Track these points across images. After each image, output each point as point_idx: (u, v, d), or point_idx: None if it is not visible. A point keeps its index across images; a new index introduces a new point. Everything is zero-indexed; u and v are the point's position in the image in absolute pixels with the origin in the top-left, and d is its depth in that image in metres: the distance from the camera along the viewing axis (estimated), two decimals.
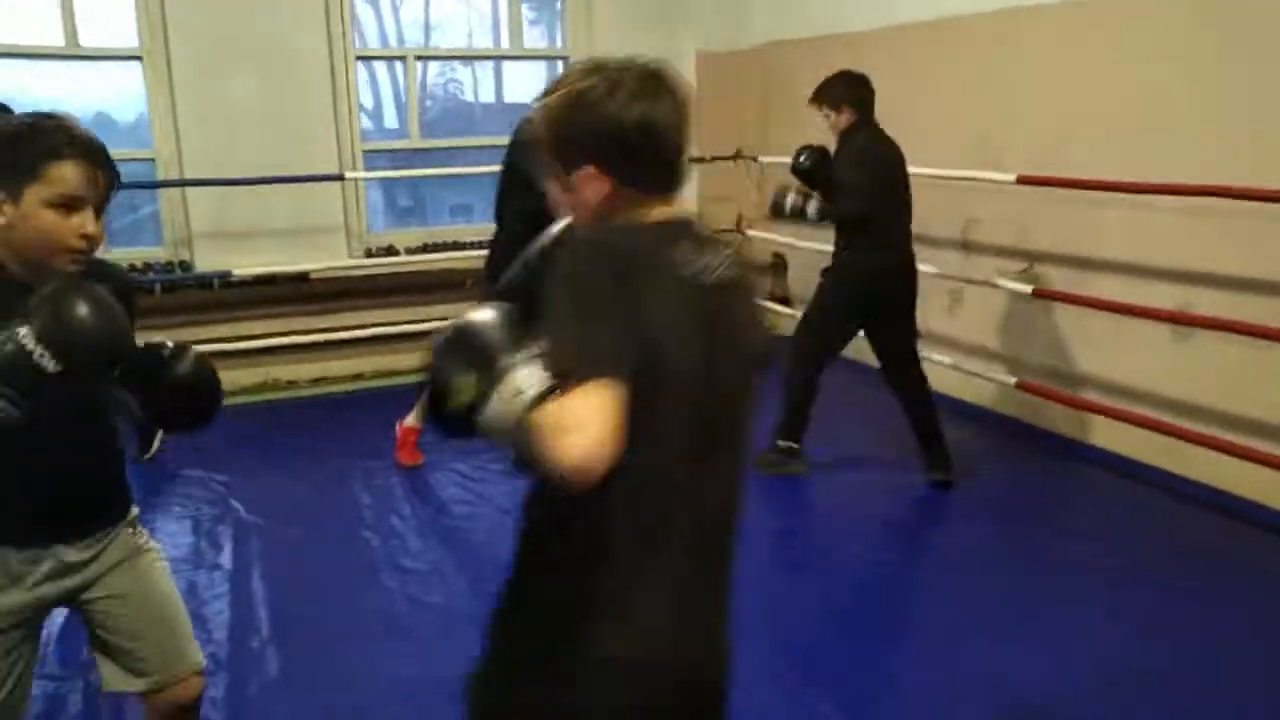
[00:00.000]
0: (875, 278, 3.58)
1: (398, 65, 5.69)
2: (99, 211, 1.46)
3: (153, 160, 4.99)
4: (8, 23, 4.72)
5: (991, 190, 4.14)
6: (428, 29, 6.09)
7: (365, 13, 5.86)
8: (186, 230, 5.05)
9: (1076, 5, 3.82)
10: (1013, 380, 4.17)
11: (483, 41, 6.10)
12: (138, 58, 4.91)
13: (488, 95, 6.79)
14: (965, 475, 3.72)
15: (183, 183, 4.97)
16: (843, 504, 3.73)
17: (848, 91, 3.58)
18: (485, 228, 4.65)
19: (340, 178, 4.96)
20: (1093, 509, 3.63)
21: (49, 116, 1.51)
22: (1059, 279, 4.01)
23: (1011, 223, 4.25)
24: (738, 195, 6.00)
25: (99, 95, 5.39)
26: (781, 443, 3.77)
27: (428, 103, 6.84)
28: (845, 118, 3.57)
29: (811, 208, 3.59)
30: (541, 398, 1.06)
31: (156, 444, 4.13)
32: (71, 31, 4.75)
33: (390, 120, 6.32)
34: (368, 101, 6.09)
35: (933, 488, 3.70)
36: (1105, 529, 3.41)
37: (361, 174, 5.15)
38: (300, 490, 3.88)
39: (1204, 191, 3.24)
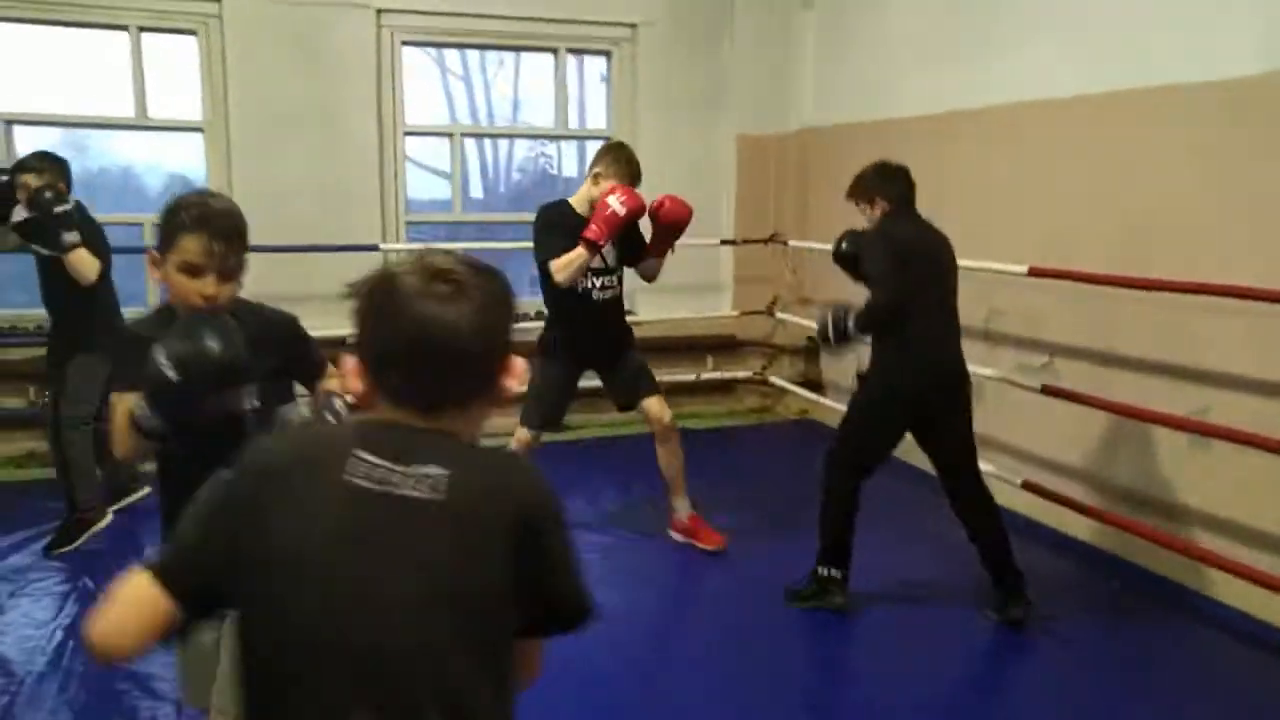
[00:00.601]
0: (908, 381, 3.21)
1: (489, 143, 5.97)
2: (222, 275, 1.76)
3: None
4: (86, 93, 5.05)
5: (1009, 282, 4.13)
6: (516, 106, 6.44)
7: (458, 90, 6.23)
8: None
9: (1109, 96, 3.81)
10: (1018, 480, 4.08)
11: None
12: (200, 129, 5.18)
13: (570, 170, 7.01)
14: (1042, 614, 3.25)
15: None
16: (893, 644, 3.21)
17: (879, 183, 3.32)
18: (532, 301, 4.76)
19: (374, 248, 5.12)
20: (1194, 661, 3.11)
21: (196, 194, 1.90)
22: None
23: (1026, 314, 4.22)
24: (773, 277, 6.05)
25: (177, 160, 5.72)
26: (820, 570, 3.33)
27: (515, 175, 7.24)
28: (879, 210, 3.30)
29: (852, 322, 3.18)
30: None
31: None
32: (141, 103, 5.05)
33: (475, 191, 6.90)
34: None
35: (1005, 627, 3.22)
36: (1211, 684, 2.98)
37: (396, 245, 5.32)
38: None
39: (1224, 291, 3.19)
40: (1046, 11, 4.09)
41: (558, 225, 3.62)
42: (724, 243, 5.86)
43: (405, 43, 5.51)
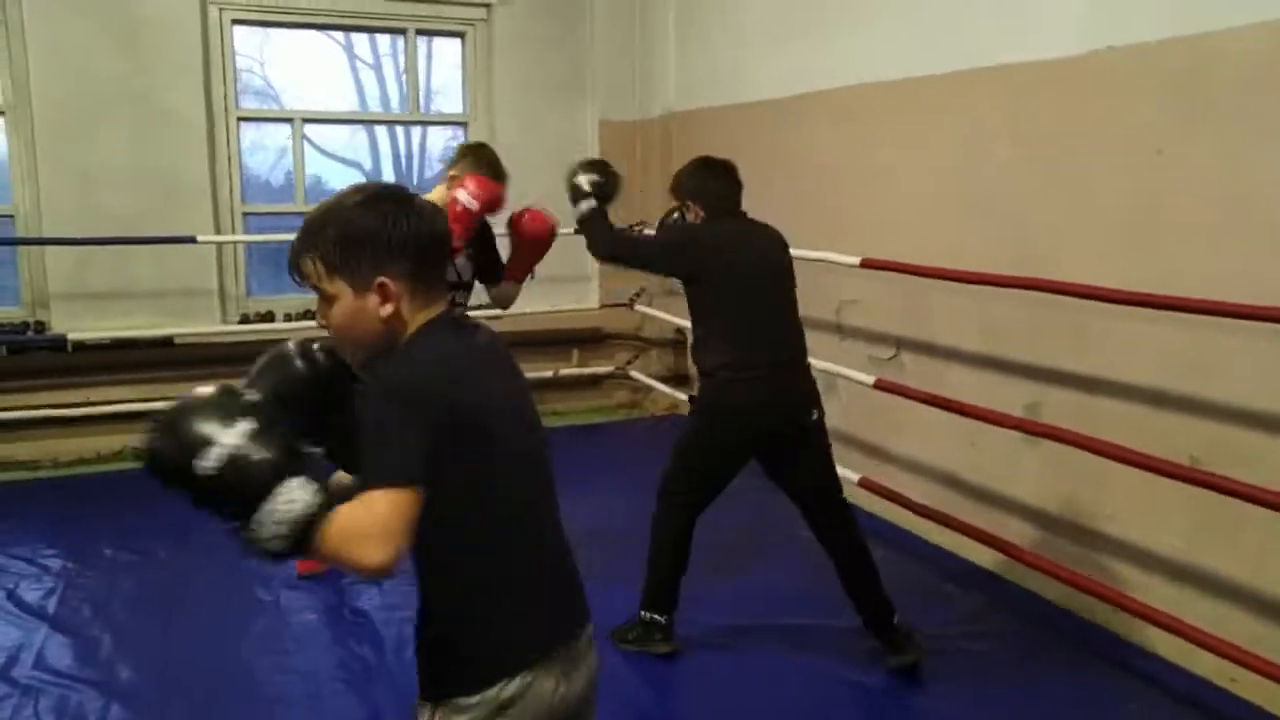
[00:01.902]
0: (732, 411, 2.84)
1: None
2: (321, 297, 1.39)
3: (11, 217, 4.79)
4: None
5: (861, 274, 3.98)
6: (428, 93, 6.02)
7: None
8: (44, 290, 4.84)
9: (934, 79, 3.68)
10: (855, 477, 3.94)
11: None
12: (0, 112, 4.74)
13: None
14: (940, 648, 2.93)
15: (27, 241, 4.77)
16: (725, 697, 2.78)
17: (695, 185, 2.96)
18: None
19: (192, 240, 4.75)
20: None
21: None
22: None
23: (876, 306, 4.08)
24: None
25: None
26: (644, 614, 2.97)
27: (437, 164, 6.88)
28: (693, 215, 2.94)
29: (583, 206, 3.07)
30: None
31: None
32: None
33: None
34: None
35: (895, 674, 2.85)
36: None
37: (215, 237, 4.96)
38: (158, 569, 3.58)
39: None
40: None
41: None
42: (577, 231, 5.61)
43: (236, 21, 5.12)
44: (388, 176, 7.87)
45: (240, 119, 5.20)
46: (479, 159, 3.14)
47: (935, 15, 3.69)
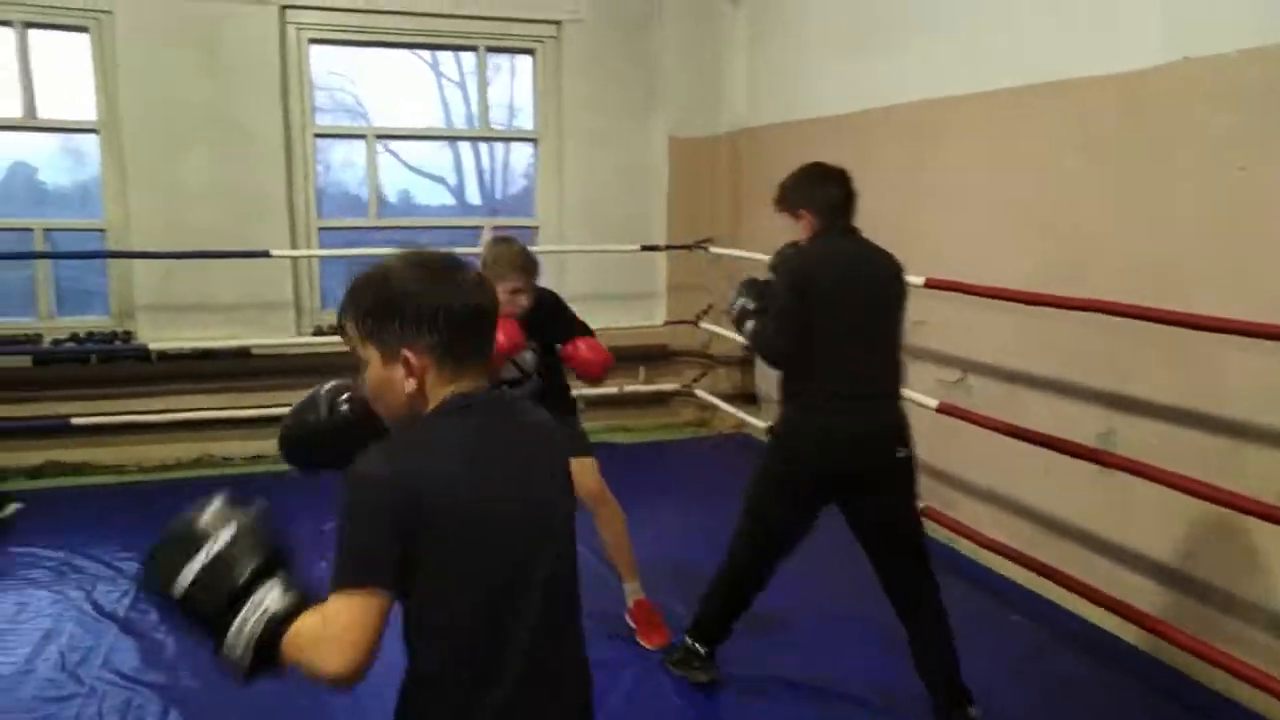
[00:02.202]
0: (813, 447, 2.59)
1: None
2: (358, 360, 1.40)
3: (103, 231, 5.01)
4: None
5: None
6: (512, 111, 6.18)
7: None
8: (131, 301, 5.04)
9: (996, 94, 3.57)
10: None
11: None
12: (95, 130, 4.96)
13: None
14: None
15: (114, 254, 4.98)
16: None
17: (804, 192, 2.70)
18: None
19: (266, 254, 4.89)
20: None
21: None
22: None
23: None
24: (709, 285, 5.80)
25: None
26: (688, 639, 2.88)
27: (522, 180, 7.05)
28: (806, 224, 2.68)
29: (748, 326, 2.76)
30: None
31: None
32: (28, 102, 4.83)
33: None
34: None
35: None
36: None
37: (289, 251, 5.10)
38: None
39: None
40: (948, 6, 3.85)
41: None
42: (644, 248, 5.62)
43: (314, 41, 5.28)
44: (471, 191, 8.06)
45: (316, 135, 5.35)
46: (498, 257, 2.99)
47: (1004, 28, 3.59)
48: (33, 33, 4.82)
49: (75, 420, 4.71)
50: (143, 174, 4.94)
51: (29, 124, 4.88)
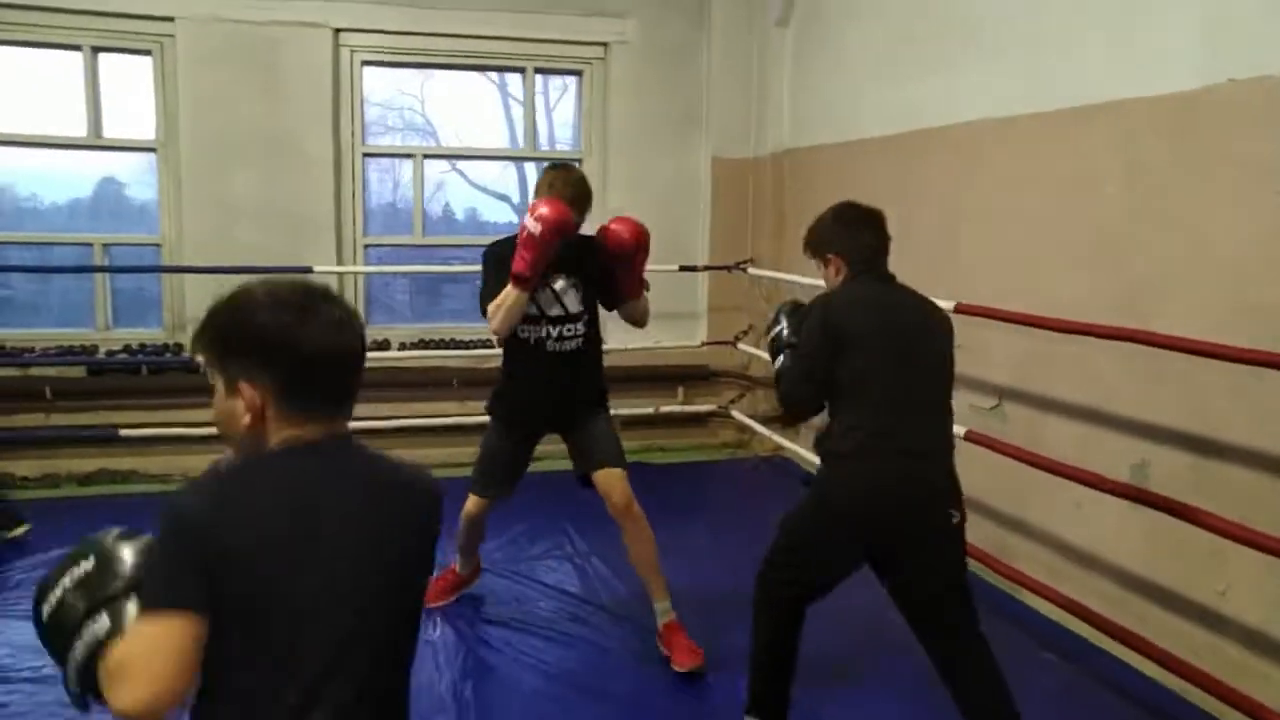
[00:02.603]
0: (846, 500, 2.38)
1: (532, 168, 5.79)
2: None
3: (159, 246, 5.18)
4: (39, 114, 5.06)
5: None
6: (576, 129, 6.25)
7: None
8: (183, 315, 5.19)
9: (1039, 116, 3.47)
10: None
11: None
12: (153, 149, 5.14)
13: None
14: None
15: (160, 269, 5.15)
16: None
17: (836, 235, 2.51)
18: (482, 326, 4.60)
19: (309, 270, 4.99)
20: None
21: None
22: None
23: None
24: (749, 306, 5.76)
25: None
26: (747, 718, 2.61)
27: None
28: (835, 271, 2.51)
29: (779, 361, 2.58)
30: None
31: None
32: (96, 123, 5.03)
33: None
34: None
35: None
36: None
37: (332, 268, 5.20)
38: None
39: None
40: (993, 27, 3.77)
41: (503, 261, 2.95)
42: (683, 269, 5.60)
43: (366, 63, 5.40)
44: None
45: (366, 155, 5.46)
46: (550, 179, 3.01)
47: (1047, 49, 3.50)
48: (100, 56, 5.03)
49: (124, 432, 4.87)
50: (197, 192, 5.09)
51: (94, 143, 5.08)
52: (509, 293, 2.91)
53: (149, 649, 1.09)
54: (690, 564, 3.73)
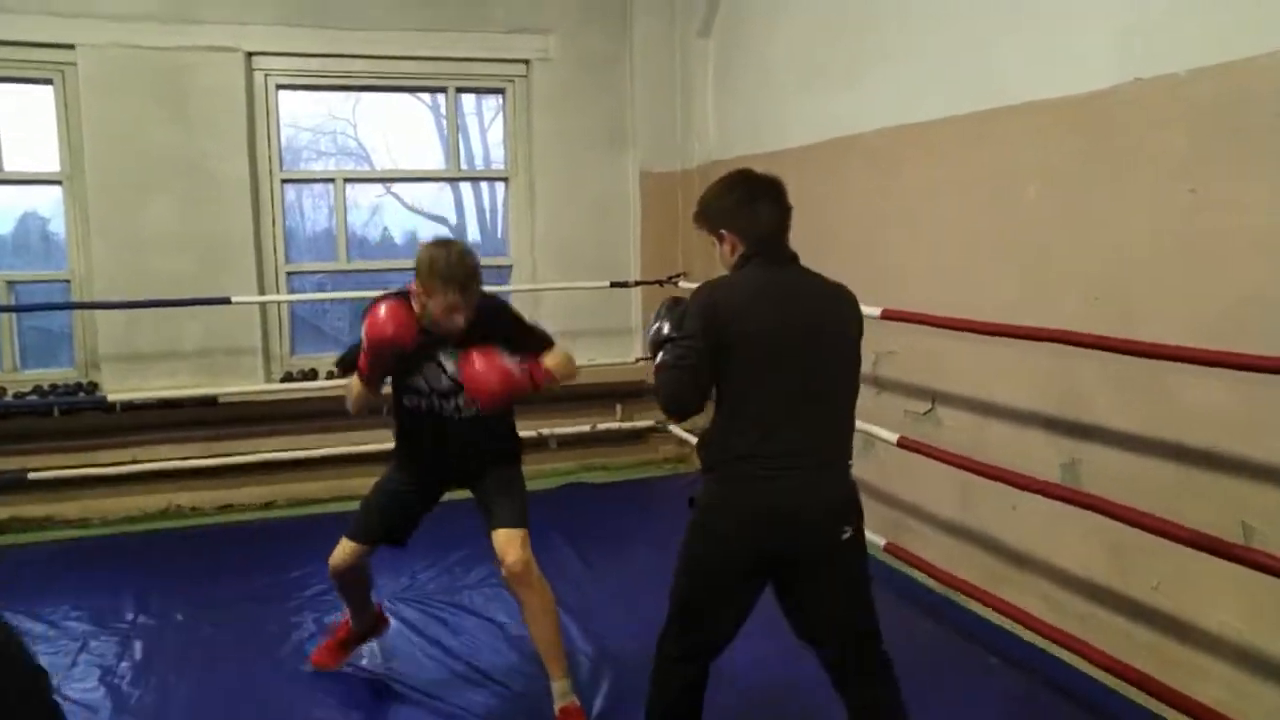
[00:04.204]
0: (732, 523, 2.15)
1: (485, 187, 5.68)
2: None
3: (68, 281, 4.97)
4: None
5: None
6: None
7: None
8: (95, 352, 4.98)
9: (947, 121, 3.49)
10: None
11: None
12: (58, 181, 4.93)
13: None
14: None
15: (78, 305, 4.93)
16: None
17: (725, 209, 2.23)
18: None
19: (226, 301, 4.83)
20: None
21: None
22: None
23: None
24: None
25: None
26: None
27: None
28: (729, 248, 2.22)
29: (660, 358, 2.23)
30: None
31: None
32: None
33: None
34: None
35: None
36: None
37: (251, 298, 5.04)
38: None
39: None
40: (905, 36, 3.78)
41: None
42: (614, 285, 5.55)
43: (281, 86, 5.26)
44: (472, 231, 8.13)
45: (284, 181, 5.32)
46: (432, 259, 2.59)
47: (963, 53, 3.51)
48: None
49: (32, 475, 4.65)
50: (106, 224, 4.90)
51: None
52: (354, 383, 2.74)
53: None
54: (628, 589, 3.65)
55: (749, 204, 2.22)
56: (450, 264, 2.56)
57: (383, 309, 2.59)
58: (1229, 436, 2.60)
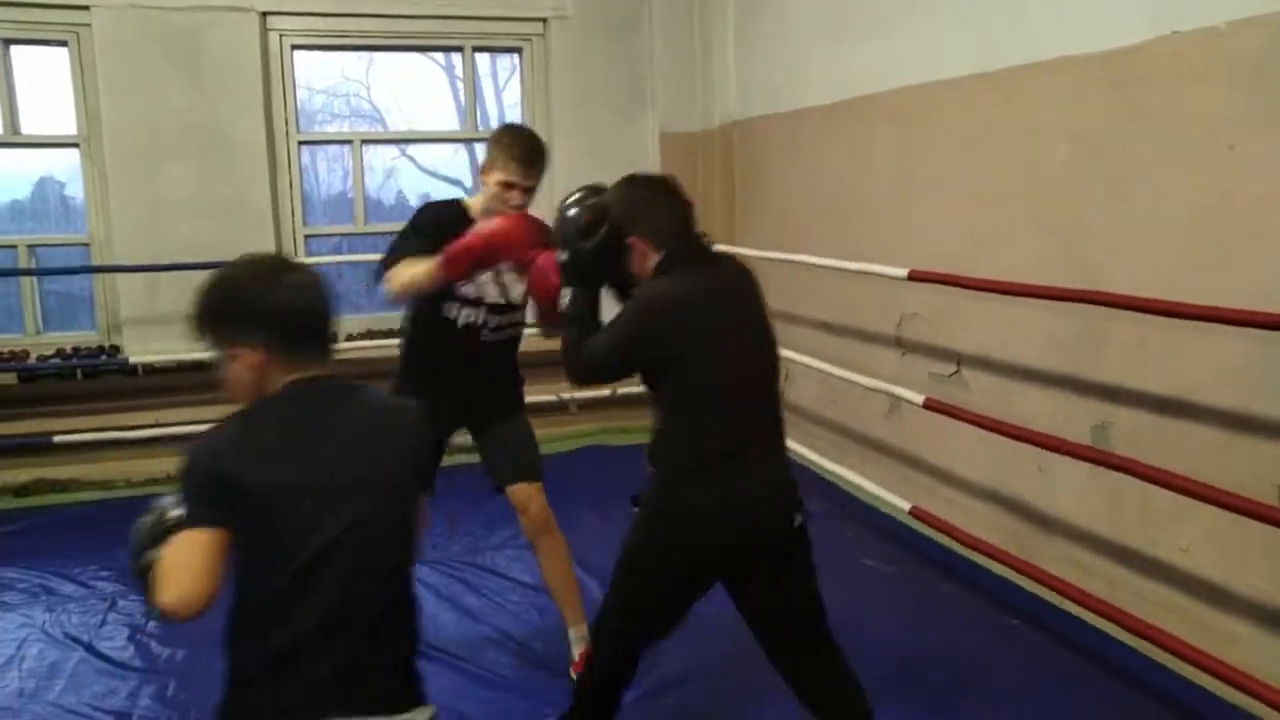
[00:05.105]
0: (674, 525, 2.11)
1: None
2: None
3: (88, 245, 4.97)
4: None
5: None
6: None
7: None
8: (117, 315, 4.99)
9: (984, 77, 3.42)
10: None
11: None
12: (75, 144, 4.92)
13: None
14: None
15: (100, 269, 4.94)
16: None
17: (632, 214, 2.14)
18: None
19: None
20: None
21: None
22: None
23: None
24: None
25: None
26: None
27: None
28: (640, 256, 2.14)
29: (564, 297, 2.22)
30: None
31: None
32: (10, 119, 4.80)
33: None
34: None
35: None
36: None
37: None
38: None
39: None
40: None
41: (431, 228, 2.65)
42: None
43: (296, 47, 5.21)
44: None
45: (301, 143, 5.28)
46: (500, 138, 2.69)
47: (992, 6, 3.43)
48: (14, 49, 4.79)
49: (58, 438, 4.68)
50: (124, 187, 4.89)
51: (12, 140, 4.85)
52: (429, 273, 2.52)
53: (186, 557, 1.35)
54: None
55: (651, 209, 2.14)
56: (514, 141, 2.67)
57: (508, 223, 2.49)
58: (1266, 399, 2.56)
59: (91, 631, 3.26)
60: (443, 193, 8.36)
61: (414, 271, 2.56)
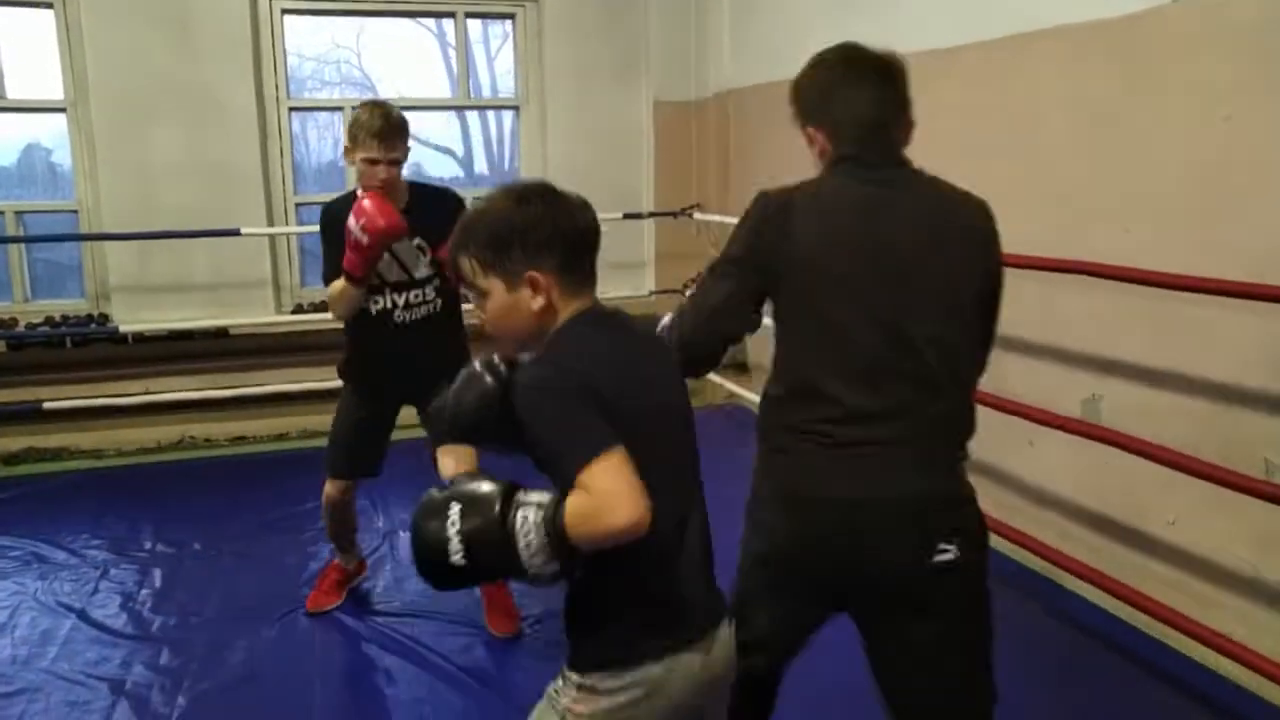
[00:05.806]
0: (782, 512, 1.64)
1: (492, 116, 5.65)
2: (478, 293, 1.52)
3: (76, 212, 4.93)
4: None
5: None
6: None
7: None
8: (106, 283, 4.96)
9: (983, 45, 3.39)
10: None
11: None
12: (62, 109, 4.85)
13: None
14: None
15: (88, 236, 4.90)
16: None
17: (816, 94, 1.71)
18: None
19: (236, 232, 4.78)
20: None
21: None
22: None
23: None
24: (697, 253, 5.64)
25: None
26: None
27: None
28: (818, 150, 1.70)
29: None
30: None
31: None
32: None
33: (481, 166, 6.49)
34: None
35: None
36: None
37: (260, 229, 4.97)
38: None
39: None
40: None
41: (334, 230, 2.70)
42: (627, 216, 5.46)
43: (286, 11, 5.13)
44: (480, 162, 7.94)
45: (291, 109, 5.22)
46: (356, 117, 2.71)
47: None
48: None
49: (47, 405, 4.66)
50: (112, 153, 4.83)
51: None
52: (344, 287, 2.69)
53: (613, 481, 1.22)
54: None
55: (844, 92, 1.66)
56: (372, 116, 2.67)
57: (368, 203, 2.59)
58: (1258, 372, 2.56)
59: (84, 599, 3.26)
60: (435, 161, 8.27)
61: (339, 291, 2.73)
